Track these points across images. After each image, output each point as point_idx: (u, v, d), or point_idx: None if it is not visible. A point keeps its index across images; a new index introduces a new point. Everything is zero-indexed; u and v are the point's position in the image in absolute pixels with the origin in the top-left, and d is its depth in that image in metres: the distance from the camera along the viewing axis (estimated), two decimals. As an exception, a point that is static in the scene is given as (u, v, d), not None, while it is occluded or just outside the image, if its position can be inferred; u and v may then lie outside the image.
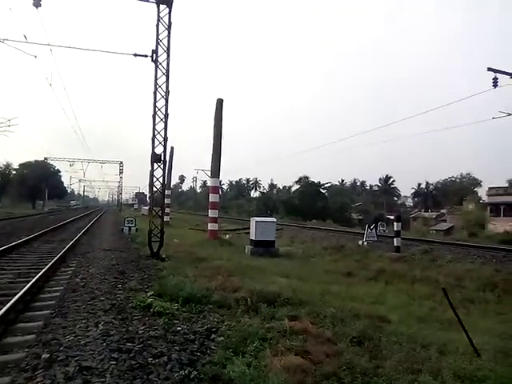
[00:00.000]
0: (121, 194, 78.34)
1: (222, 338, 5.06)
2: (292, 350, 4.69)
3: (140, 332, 4.91)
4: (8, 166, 78.64)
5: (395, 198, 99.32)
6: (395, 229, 17.06)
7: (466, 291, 10.74)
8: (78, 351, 4.04)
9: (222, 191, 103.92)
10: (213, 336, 5.17)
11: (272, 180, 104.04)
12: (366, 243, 19.28)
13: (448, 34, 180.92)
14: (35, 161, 76.44)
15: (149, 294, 6.73)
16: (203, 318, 5.98)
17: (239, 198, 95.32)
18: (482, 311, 9.21)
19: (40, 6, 12.75)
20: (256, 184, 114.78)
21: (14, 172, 79.57)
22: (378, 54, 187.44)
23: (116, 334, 4.68)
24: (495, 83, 19.71)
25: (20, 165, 79.75)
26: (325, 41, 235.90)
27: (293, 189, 79.03)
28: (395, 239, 16.52)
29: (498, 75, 19.70)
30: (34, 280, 7.24)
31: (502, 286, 11.00)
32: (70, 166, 64.96)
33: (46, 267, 8.73)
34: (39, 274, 7.83)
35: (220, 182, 25.79)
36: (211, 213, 21.39)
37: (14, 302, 5.66)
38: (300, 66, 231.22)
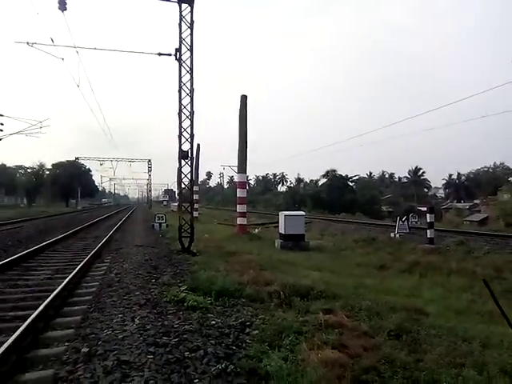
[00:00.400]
0: (150, 191, 79.49)
1: (257, 332, 5.03)
2: (328, 344, 4.60)
3: (175, 326, 4.94)
4: (41, 166, 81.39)
5: (426, 190, 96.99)
6: (428, 220, 16.59)
7: (506, 283, 10.31)
8: (115, 345, 4.09)
9: (249, 186, 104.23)
10: (247, 330, 5.15)
11: (299, 174, 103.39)
12: (398, 235, 18.88)
13: (488, 20, 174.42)
14: (67, 161, 78.72)
15: (182, 288, 6.77)
16: (237, 311, 5.97)
17: (266, 193, 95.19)
18: (524, 303, 8.83)
19: (66, 9, 12.99)
20: (283, 178, 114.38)
21: (47, 172, 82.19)
22: (405, 44, 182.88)
23: (152, 328, 4.72)
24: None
25: (53, 165, 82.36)
26: (352, 36, 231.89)
27: (320, 182, 78.40)
28: (428, 231, 16.06)
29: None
30: (70, 276, 7.41)
31: (545, 276, 10.54)
32: (101, 165, 66.48)
33: (82, 263, 8.93)
34: (75, 270, 8.01)
35: (247, 177, 25.81)
36: (239, 208, 21.46)
37: (53, 297, 5.80)
38: (325, 61, 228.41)
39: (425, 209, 24.99)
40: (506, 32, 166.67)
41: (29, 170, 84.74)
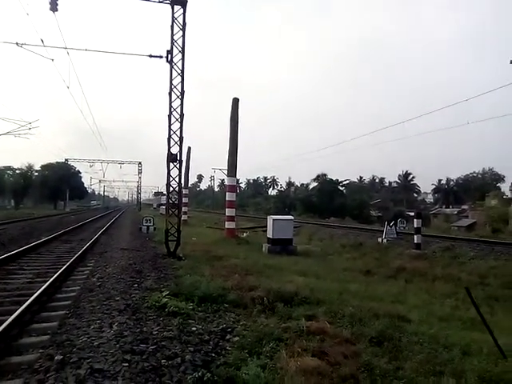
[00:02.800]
0: (140, 193, 79.06)
1: (238, 339, 4.98)
2: (309, 351, 4.56)
3: (154, 333, 4.86)
4: (30, 167, 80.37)
5: (415, 195, 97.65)
6: (415, 225, 16.70)
7: (489, 289, 10.41)
8: (90, 353, 4.01)
9: (240, 189, 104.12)
10: (228, 336, 5.09)
11: (290, 178, 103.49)
12: (385, 240, 18.94)
13: (466, 28, 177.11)
14: (56, 162, 77.91)
15: (164, 293, 6.69)
16: (219, 317, 5.92)
17: (257, 197, 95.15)
18: (506, 310, 8.88)
19: (57, 10, 12.89)
20: (274, 182, 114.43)
21: (36, 173, 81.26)
22: (393, 51, 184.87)
23: (130, 334, 4.64)
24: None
25: (42, 166, 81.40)
26: (346, 40, 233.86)
27: (310, 186, 78.59)
28: (415, 236, 16.16)
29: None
30: (51, 280, 7.29)
31: (528, 283, 10.63)
32: (90, 166, 66.12)
33: (64, 267, 8.80)
34: (57, 274, 7.88)
35: (237, 180, 25.76)
36: (228, 211, 21.39)
37: (30, 302, 5.68)
38: (319, 65, 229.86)
39: (413, 214, 25.14)
40: (491, 39, 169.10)
41: (17, 172, 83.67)
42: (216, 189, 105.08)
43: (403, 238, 19.16)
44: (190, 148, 37.32)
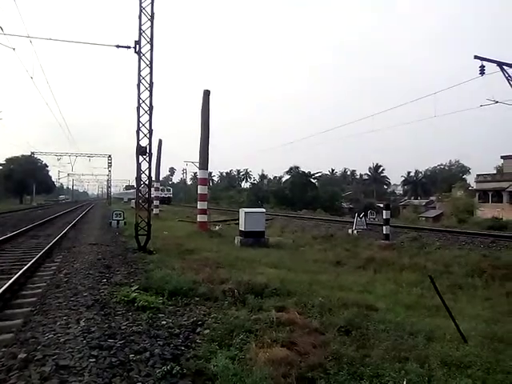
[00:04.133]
0: (110, 187, 77.42)
1: (208, 331, 4.98)
2: (278, 342, 4.61)
3: (122, 328, 4.80)
4: (-6, 161, 77.49)
5: (385, 187, 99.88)
6: (384, 217, 17.06)
7: (454, 277, 10.77)
8: (56, 350, 3.92)
9: (213, 183, 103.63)
10: (198, 329, 5.08)
11: (263, 171, 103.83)
12: (355, 232, 19.27)
13: (434, 24, 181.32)
14: (22, 155, 75.34)
15: (133, 288, 6.61)
16: (189, 311, 5.89)
17: (230, 190, 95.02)
18: (469, 297, 9.24)
19: (17, -5, 12.38)
20: (247, 175, 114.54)
21: (0, 167, 78.39)
22: (364, 48, 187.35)
23: (97, 330, 4.56)
24: (482, 71, 19.73)
25: (6, 160, 78.50)
26: (313, 35, 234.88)
27: (283, 179, 79.09)
28: (384, 227, 16.51)
29: (485, 63, 19.74)
30: (15, 277, 7.09)
31: (490, 271, 11.06)
32: (58, 160, 64.13)
33: (30, 263, 8.57)
34: (22, 271, 7.68)
35: (210, 173, 25.68)
36: (200, 204, 21.28)
37: (-7, 300, 5.51)
38: (288, 58, 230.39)
39: (383, 205, 25.67)
40: (458, 36, 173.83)
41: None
42: (189, 182, 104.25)
43: (372, 229, 19.55)
44: (160, 141, 36.91)
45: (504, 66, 19.59)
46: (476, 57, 19.80)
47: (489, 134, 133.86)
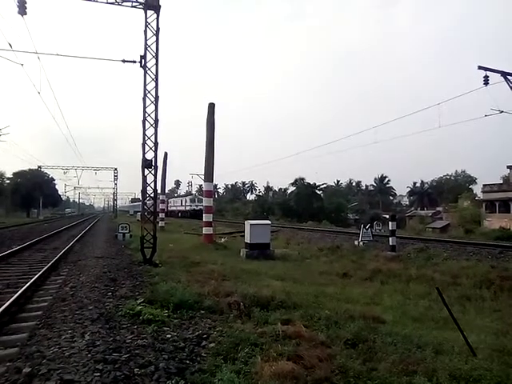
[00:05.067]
0: (116, 200, 77.83)
1: (213, 345, 4.95)
2: (284, 355, 4.57)
3: (127, 341, 4.78)
4: (1, 175, 78.14)
5: (391, 198, 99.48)
6: (390, 228, 16.96)
7: (461, 289, 10.65)
8: (61, 364, 3.90)
9: (218, 195, 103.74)
10: (204, 343, 5.05)
11: (268, 182, 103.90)
12: (361, 243, 19.15)
13: (438, 34, 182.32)
14: (29, 169, 75.95)
15: (139, 301, 6.60)
16: (194, 324, 5.87)
17: (235, 201, 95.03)
18: (478, 308, 9.12)
19: (26, 13, 12.62)
20: (252, 187, 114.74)
21: (8, 181, 79.02)
22: (369, 58, 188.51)
23: (102, 344, 4.54)
24: (486, 81, 19.77)
25: (14, 174, 79.12)
26: (316, 47, 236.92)
27: (289, 191, 79.03)
28: (390, 238, 16.41)
29: (489, 73, 19.79)
30: (21, 290, 7.10)
31: (498, 282, 10.93)
32: (64, 173, 64.64)
33: (36, 276, 8.58)
34: (28, 284, 7.69)
35: (215, 185, 25.76)
36: (205, 217, 21.30)
37: (-1, 313, 5.52)
38: (291, 70, 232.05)
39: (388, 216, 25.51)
40: (465, 44, 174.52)
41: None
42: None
43: (379, 241, 19.42)
44: (166, 153, 37.11)
45: (508, 76, 19.62)
46: (480, 67, 19.87)
47: (495, 143, 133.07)
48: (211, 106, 21.99)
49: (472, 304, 9.53)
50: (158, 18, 12.77)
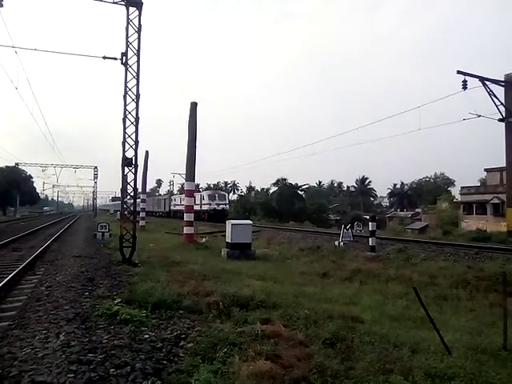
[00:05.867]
0: (96, 199, 76.60)
1: (192, 345, 4.90)
2: (262, 355, 4.56)
3: (103, 342, 4.70)
4: (-24, 172, 76.16)
5: (372, 199, 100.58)
6: (370, 228, 17.16)
7: (439, 288, 10.83)
8: (33, 365, 3.81)
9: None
10: (182, 343, 5.00)
11: (250, 183, 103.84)
12: (342, 243, 19.30)
13: (418, 38, 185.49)
14: (6, 166, 74.22)
15: (116, 301, 6.50)
16: (173, 324, 5.80)
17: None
18: (454, 308, 9.29)
19: (2, 5, 12.33)
20: (234, 187, 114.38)
21: (-16, 178, 77.06)
22: (350, 61, 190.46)
23: (77, 344, 4.46)
24: (465, 86, 20.20)
25: (-11, 171, 77.30)
26: (299, 49, 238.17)
27: (271, 191, 79.10)
28: (370, 239, 16.60)
29: (468, 78, 20.23)
30: (-6, 290, 6.92)
31: (474, 282, 11.16)
32: (43, 171, 63.35)
33: (10, 276, 8.37)
34: (1, 284, 7.50)
35: (197, 185, 25.61)
36: (187, 216, 21.19)
37: (-30, 314, 5.36)
38: (278, 71, 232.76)
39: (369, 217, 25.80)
40: (443, 50, 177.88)
41: (-38, 177, 78.93)
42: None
43: (359, 241, 19.61)
44: (147, 152, 36.69)
45: (486, 82, 20.07)
46: (459, 72, 20.29)
47: (473, 147, 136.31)
48: (193, 106, 21.88)
49: (448, 304, 9.70)
50: (140, 15, 12.63)
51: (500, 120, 19.94)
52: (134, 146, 12.69)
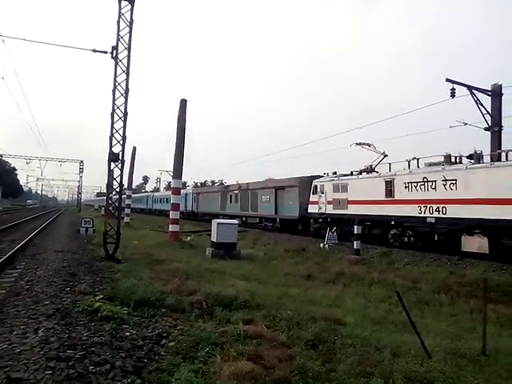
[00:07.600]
0: (80, 193, 75.64)
1: (173, 344, 4.86)
2: (244, 355, 4.54)
3: (83, 338, 4.63)
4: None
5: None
6: (355, 232, 17.26)
7: (421, 293, 10.91)
8: (9, 361, 3.73)
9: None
10: (163, 341, 4.96)
11: (238, 181, 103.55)
12: (327, 246, 19.38)
13: (407, 45, 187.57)
14: (-12, 158, 72.97)
15: (98, 297, 6.42)
16: (155, 322, 5.76)
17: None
18: (435, 313, 9.38)
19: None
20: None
21: (-35, 169, 75.60)
22: (338, 61, 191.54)
23: (56, 340, 4.38)
24: (453, 94, 20.46)
25: (-28, 162, 75.85)
26: (287, 50, 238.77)
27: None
28: (355, 242, 16.69)
29: (456, 86, 20.49)
30: (-28, 283, 6.77)
31: (456, 288, 11.28)
32: (27, 163, 62.22)
33: (-11, 270, 8.21)
34: (-20, 277, 7.34)
35: (184, 183, 25.48)
36: (172, 214, 21.05)
37: None
38: (268, 69, 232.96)
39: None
40: (429, 58, 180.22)
41: None
42: (162, 191, 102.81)
43: (344, 244, 19.69)
44: (135, 148, 36.42)
45: (473, 90, 20.35)
46: (448, 80, 20.54)
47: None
48: (183, 103, 21.75)
49: (430, 308, 9.79)
50: (132, 10, 12.53)
51: (486, 129, 20.19)
52: (121, 142, 12.56)
